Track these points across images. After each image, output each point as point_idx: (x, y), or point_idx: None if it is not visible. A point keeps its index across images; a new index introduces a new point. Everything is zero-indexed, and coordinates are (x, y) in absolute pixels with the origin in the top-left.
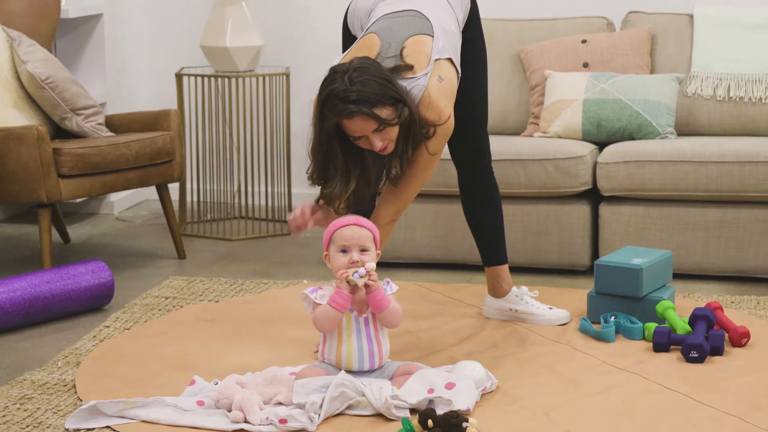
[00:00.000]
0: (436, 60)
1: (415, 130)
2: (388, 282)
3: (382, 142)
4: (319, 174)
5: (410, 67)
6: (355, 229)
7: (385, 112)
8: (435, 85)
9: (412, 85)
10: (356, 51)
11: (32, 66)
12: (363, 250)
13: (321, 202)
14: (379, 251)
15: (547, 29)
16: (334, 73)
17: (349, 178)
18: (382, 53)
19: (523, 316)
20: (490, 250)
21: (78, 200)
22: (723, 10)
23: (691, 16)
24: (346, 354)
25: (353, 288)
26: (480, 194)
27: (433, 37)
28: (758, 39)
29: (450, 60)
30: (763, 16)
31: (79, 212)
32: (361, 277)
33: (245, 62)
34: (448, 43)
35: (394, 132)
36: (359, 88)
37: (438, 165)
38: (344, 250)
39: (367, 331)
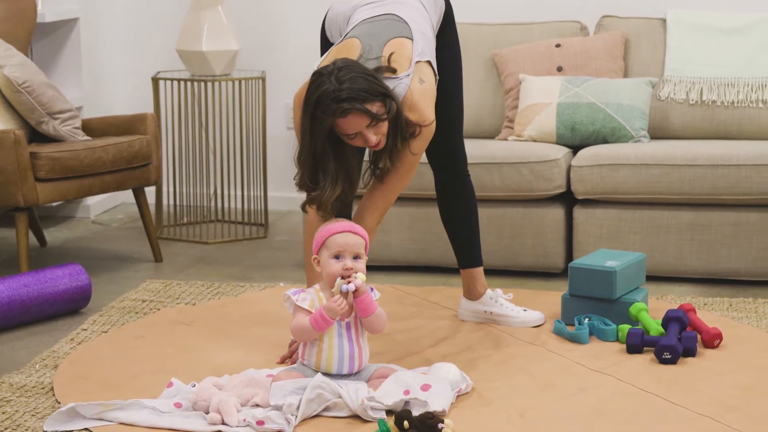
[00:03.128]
0: (417, 62)
1: (401, 124)
2: (372, 288)
3: (376, 136)
4: (311, 179)
5: (393, 69)
6: (349, 236)
7: (375, 107)
8: (417, 86)
9: (395, 84)
10: (336, 54)
11: (9, 70)
12: (356, 257)
13: (308, 206)
14: (367, 256)
15: (522, 33)
16: (320, 75)
17: (337, 180)
18: (363, 55)
19: (498, 318)
20: (466, 252)
21: (54, 203)
22: (696, 15)
23: (664, 21)
24: (326, 357)
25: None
26: (456, 197)
27: (412, 40)
28: (731, 43)
29: (429, 63)
30: (735, 20)
31: (55, 215)
32: (349, 291)
33: (221, 66)
34: (426, 46)
35: (385, 126)
36: (349, 86)
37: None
38: (337, 257)
39: (348, 335)
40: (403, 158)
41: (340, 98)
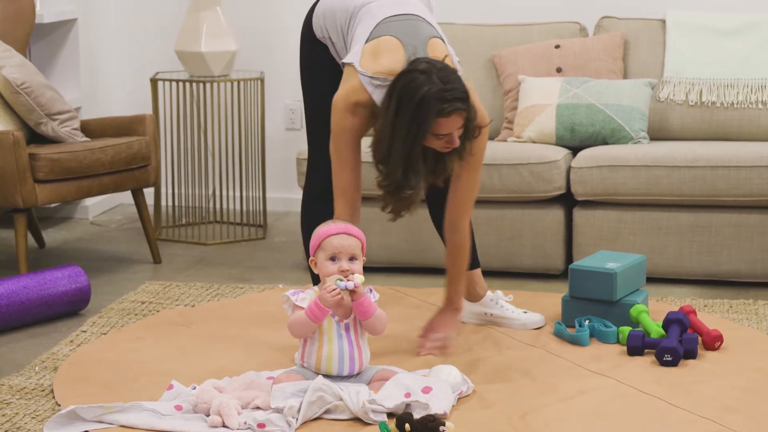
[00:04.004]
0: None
1: (472, 126)
2: (371, 290)
3: (458, 138)
4: (403, 181)
5: (456, 70)
6: (344, 237)
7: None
8: (471, 87)
9: None
10: (376, 53)
11: (7, 71)
12: (352, 259)
13: (391, 214)
14: (364, 257)
15: (521, 34)
16: (418, 74)
17: (423, 181)
18: (411, 55)
19: (498, 320)
20: None
21: (53, 205)
22: (695, 16)
23: (664, 22)
24: (326, 358)
25: (339, 299)
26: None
27: (443, 40)
28: (730, 44)
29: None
30: (734, 21)
31: (53, 216)
32: (347, 289)
33: (220, 67)
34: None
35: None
36: (453, 86)
37: None
38: (333, 258)
39: (348, 336)
40: (478, 159)
41: (446, 98)
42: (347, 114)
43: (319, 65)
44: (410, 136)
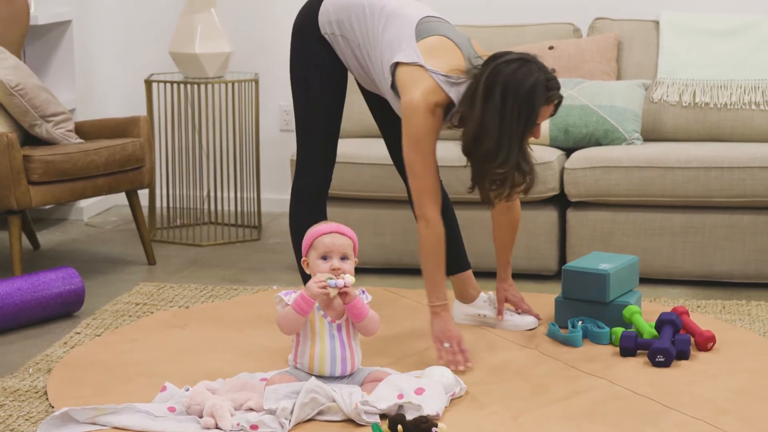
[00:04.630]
0: None
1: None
2: (363, 291)
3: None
4: (522, 168)
5: None
6: (336, 236)
7: None
8: None
9: None
10: (434, 52)
11: (2, 73)
12: (343, 258)
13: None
14: (356, 259)
15: (515, 35)
16: (520, 64)
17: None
18: (470, 55)
19: (492, 321)
20: (452, 258)
21: (47, 206)
22: (689, 17)
23: (657, 23)
24: (318, 358)
25: (324, 292)
26: None
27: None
28: (723, 45)
29: None
30: (728, 22)
31: (48, 218)
32: (337, 287)
33: (214, 68)
34: None
35: None
36: (552, 76)
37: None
38: (325, 257)
39: (340, 337)
40: None
41: (552, 86)
42: (429, 115)
43: (318, 63)
44: (521, 124)
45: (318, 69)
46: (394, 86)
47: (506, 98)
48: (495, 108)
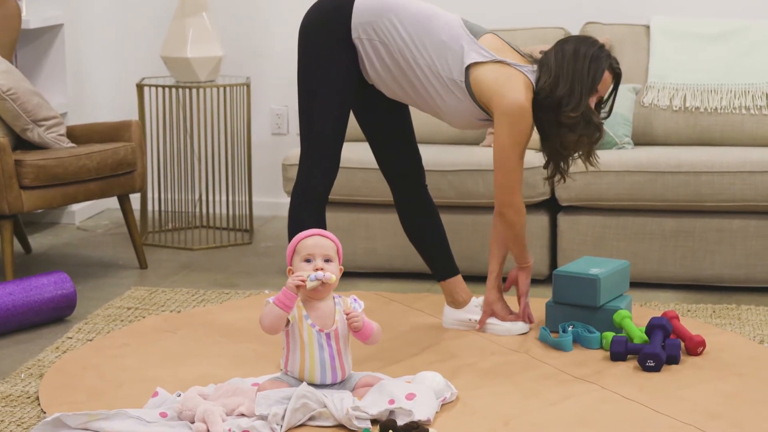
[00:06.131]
0: None
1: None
2: (355, 299)
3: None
4: (590, 113)
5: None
6: (318, 239)
7: None
8: None
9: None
10: (501, 49)
11: None
12: (327, 261)
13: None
14: (341, 266)
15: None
16: (594, 43)
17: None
18: (517, 48)
19: (483, 325)
20: (441, 264)
21: (39, 210)
22: (679, 21)
23: (648, 27)
24: (308, 368)
25: (311, 291)
26: (421, 210)
27: None
28: (714, 50)
29: None
30: (718, 27)
31: (40, 222)
32: (317, 279)
33: (206, 73)
34: None
35: None
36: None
37: None
38: (308, 260)
39: (329, 346)
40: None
41: (613, 58)
42: (528, 115)
43: (340, 68)
44: (590, 78)
45: (339, 76)
46: (468, 87)
47: (578, 54)
48: (568, 62)
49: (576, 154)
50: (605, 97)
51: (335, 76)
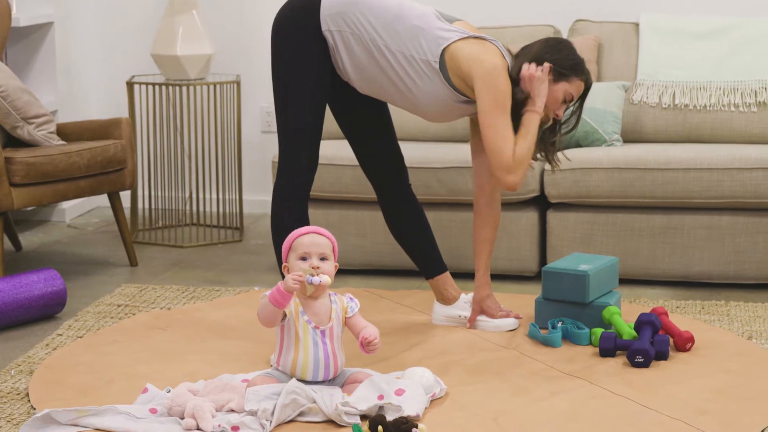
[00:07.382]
0: None
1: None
2: (351, 298)
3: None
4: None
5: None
6: (314, 236)
7: None
8: None
9: None
10: (475, 31)
11: None
12: (323, 259)
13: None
14: (336, 264)
15: (495, 37)
16: (568, 45)
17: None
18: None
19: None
20: (428, 261)
21: (29, 208)
22: (669, 19)
23: (637, 25)
24: (301, 365)
25: (299, 287)
26: (407, 209)
27: None
28: (703, 47)
29: None
30: (708, 24)
31: (30, 219)
32: (312, 284)
33: (196, 70)
34: None
35: None
36: None
37: None
38: (304, 258)
39: (323, 344)
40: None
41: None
42: (507, 76)
43: (312, 63)
44: (568, 65)
45: (311, 69)
46: (443, 67)
47: (561, 48)
48: (552, 50)
49: (539, 155)
50: (571, 103)
51: (307, 70)
